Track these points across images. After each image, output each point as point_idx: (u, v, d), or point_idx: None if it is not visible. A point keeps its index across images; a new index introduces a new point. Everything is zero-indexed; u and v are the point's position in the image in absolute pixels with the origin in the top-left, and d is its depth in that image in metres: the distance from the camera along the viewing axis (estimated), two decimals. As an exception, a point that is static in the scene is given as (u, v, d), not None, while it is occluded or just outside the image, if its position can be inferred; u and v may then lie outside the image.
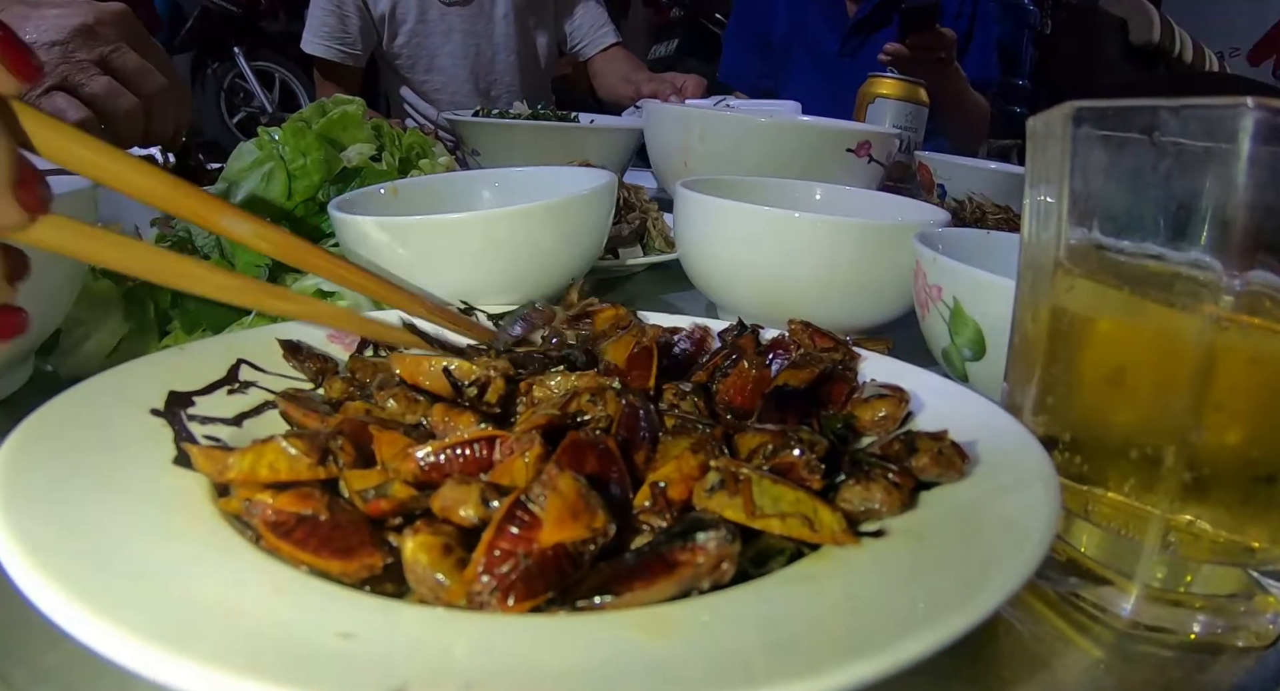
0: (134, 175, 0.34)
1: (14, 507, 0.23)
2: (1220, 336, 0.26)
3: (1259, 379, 0.26)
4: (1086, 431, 0.32)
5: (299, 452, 0.29)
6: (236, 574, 0.24)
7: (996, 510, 0.28)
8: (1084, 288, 0.31)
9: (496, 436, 0.29)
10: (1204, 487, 0.28)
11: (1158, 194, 0.29)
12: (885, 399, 0.38)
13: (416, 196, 0.66)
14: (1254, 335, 0.26)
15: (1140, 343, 0.29)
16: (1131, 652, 0.30)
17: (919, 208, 0.68)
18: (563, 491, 0.27)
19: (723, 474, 0.29)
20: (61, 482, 0.26)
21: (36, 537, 0.22)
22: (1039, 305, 0.34)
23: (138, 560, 0.23)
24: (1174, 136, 0.27)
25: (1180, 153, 0.27)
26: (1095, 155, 0.30)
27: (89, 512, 0.25)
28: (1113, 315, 0.30)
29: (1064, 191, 0.32)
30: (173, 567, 0.23)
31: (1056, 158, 0.32)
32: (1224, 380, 0.26)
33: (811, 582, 0.25)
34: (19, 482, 0.25)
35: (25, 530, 0.22)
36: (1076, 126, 0.31)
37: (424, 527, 0.26)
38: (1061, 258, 0.32)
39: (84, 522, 0.24)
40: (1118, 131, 0.29)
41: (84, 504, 0.25)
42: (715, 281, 0.66)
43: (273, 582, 0.23)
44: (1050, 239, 0.34)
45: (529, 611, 0.24)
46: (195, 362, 0.40)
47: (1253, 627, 0.30)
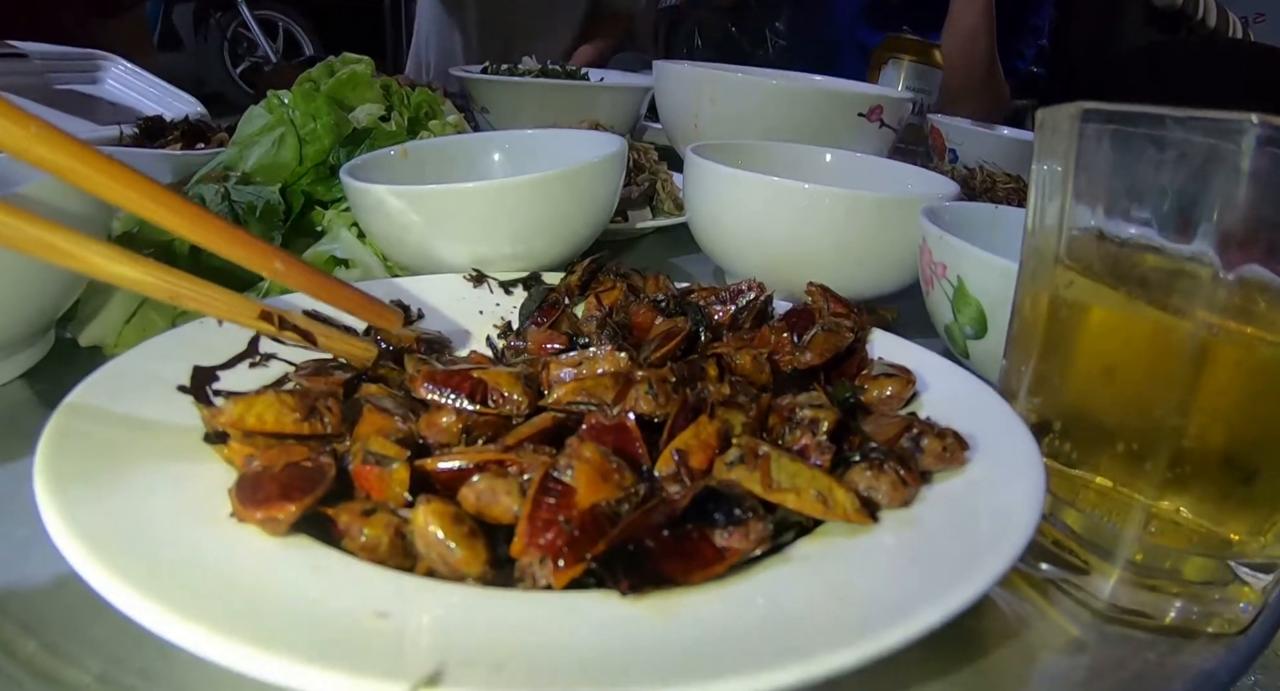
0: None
1: (66, 499, 0.25)
2: (1210, 341, 0.27)
3: (1244, 384, 0.27)
4: (1077, 421, 0.33)
5: (287, 407, 0.31)
6: (274, 553, 0.25)
7: (985, 501, 0.29)
8: (1082, 284, 0.32)
9: (508, 461, 0.30)
10: (1185, 482, 0.29)
11: (1159, 197, 0.29)
12: (893, 378, 0.39)
13: (427, 158, 0.66)
14: (1242, 342, 0.27)
15: (1133, 342, 0.30)
16: (1108, 633, 0.32)
17: (928, 178, 0.67)
18: (589, 458, 0.28)
19: (743, 450, 0.31)
20: (105, 472, 0.27)
21: (90, 528, 0.24)
22: (1038, 294, 0.35)
23: (181, 545, 0.24)
24: (1179, 146, 0.28)
25: (1183, 160, 0.27)
26: (1101, 154, 0.31)
27: (134, 501, 0.26)
28: (1108, 313, 0.31)
29: (1067, 188, 0.32)
30: (213, 550, 0.25)
31: (1062, 152, 0.32)
32: (1211, 383, 0.27)
33: (808, 565, 0.26)
34: (66, 472, 0.26)
35: (79, 520, 0.24)
36: (1084, 124, 0.31)
37: (435, 500, 0.27)
38: (1062, 253, 0.33)
39: (130, 510, 0.25)
40: (1124, 131, 0.30)
41: (129, 492, 0.26)
42: (723, 248, 0.67)
43: (310, 561, 0.25)
44: (1052, 229, 0.34)
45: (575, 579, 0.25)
46: (217, 335, 0.41)
47: (1226, 614, 0.31)
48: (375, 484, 0.29)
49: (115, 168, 0.33)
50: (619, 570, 0.25)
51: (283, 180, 0.57)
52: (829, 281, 0.63)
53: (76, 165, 0.33)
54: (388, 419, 0.34)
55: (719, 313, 0.50)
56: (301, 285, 0.41)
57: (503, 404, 0.35)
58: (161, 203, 0.35)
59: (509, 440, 0.33)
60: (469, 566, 0.26)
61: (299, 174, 0.58)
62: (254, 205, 0.52)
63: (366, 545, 0.27)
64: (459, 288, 0.55)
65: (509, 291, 0.56)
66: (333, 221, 0.58)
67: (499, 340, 0.52)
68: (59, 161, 0.32)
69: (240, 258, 0.38)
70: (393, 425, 0.33)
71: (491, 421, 0.34)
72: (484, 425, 0.34)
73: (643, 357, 0.42)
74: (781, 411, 0.36)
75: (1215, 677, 0.29)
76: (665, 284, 0.54)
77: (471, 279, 0.55)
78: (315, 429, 0.31)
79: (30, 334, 0.44)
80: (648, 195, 0.78)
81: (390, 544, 0.27)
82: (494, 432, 0.34)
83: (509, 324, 0.53)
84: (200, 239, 0.37)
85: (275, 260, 0.39)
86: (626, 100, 1.09)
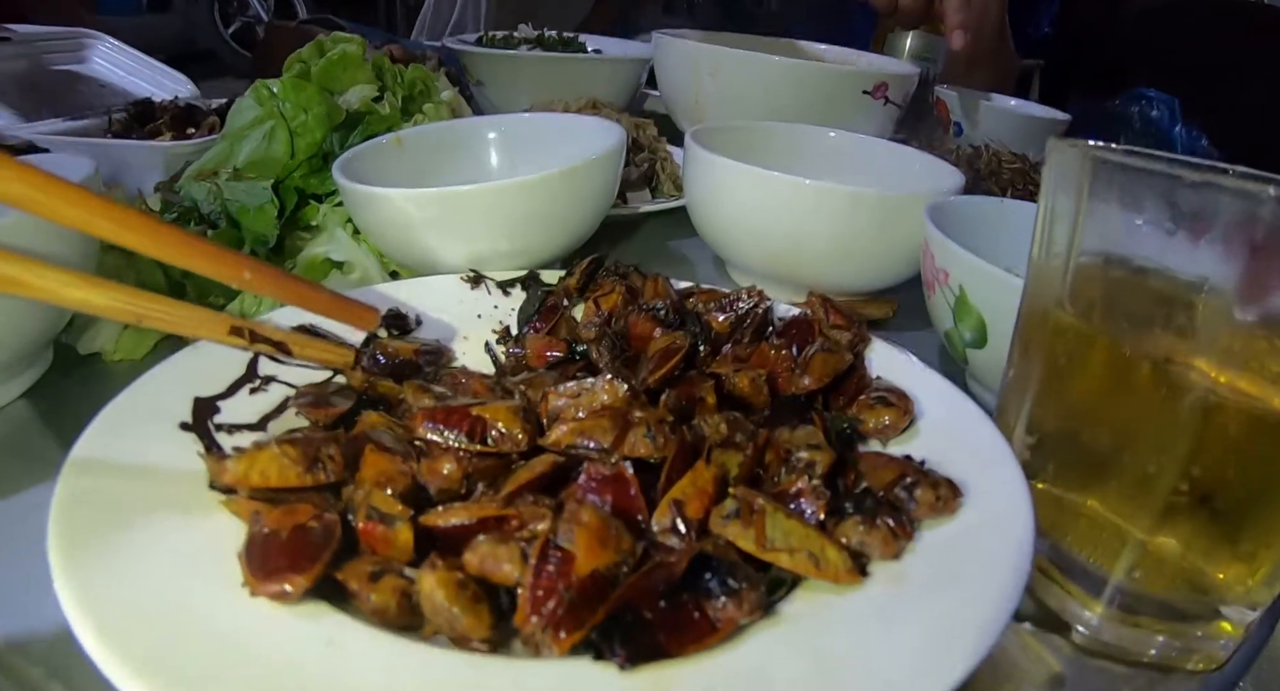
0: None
1: (81, 584, 0.25)
2: (1205, 405, 0.27)
3: (1236, 445, 0.28)
4: (1070, 465, 0.34)
5: (290, 461, 0.31)
6: (288, 628, 0.26)
7: (973, 553, 0.30)
8: (1082, 334, 0.32)
9: (509, 517, 0.30)
10: (1175, 527, 0.30)
11: (1168, 255, 0.29)
12: (891, 407, 0.39)
13: (422, 146, 0.65)
14: (1240, 406, 0.27)
15: (1129, 399, 0.30)
16: (1088, 667, 0.33)
17: (933, 167, 0.66)
18: (588, 523, 0.29)
19: (739, 502, 0.31)
20: (117, 542, 0.28)
21: (106, 616, 0.24)
22: (1039, 334, 0.35)
23: (196, 624, 0.25)
24: (1193, 205, 0.27)
25: (1197, 219, 0.27)
26: (1111, 200, 0.30)
27: (147, 577, 0.27)
28: (1106, 370, 0.31)
29: (1078, 225, 0.32)
30: (228, 628, 0.25)
31: (1073, 190, 0.32)
32: (1203, 443, 0.28)
33: (798, 633, 0.27)
34: (79, 547, 0.27)
35: (95, 608, 0.24)
36: (1094, 173, 0.30)
37: (440, 564, 0.28)
38: (1065, 297, 0.33)
39: (144, 590, 0.26)
40: (1136, 184, 0.29)
41: (142, 565, 0.27)
42: (723, 239, 0.66)
43: (325, 635, 0.26)
44: (1058, 268, 0.34)
45: (576, 645, 0.26)
46: (214, 360, 0.41)
47: (1206, 651, 0.32)
48: (380, 542, 0.30)
49: (74, 193, 0.33)
50: (616, 643, 0.26)
51: (275, 175, 0.56)
52: (830, 276, 0.62)
53: (34, 194, 0.32)
54: (390, 461, 0.34)
55: (718, 318, 0.50)
56: (273, 292, 0.40)
57: (502, 442, 0.35)
58: (123, 224, 0.34)
59: (509, 486, 0.33)
60: (474, 632, 0.27)
61: (291, 168, 0.57)
62: (247, 208, 0.51)
63: (375, 609, 0.27)
64: (456, 289, 0.54)
65: (507, 292, 0.55)
66: (327, 218, 0.58)
67: (498, 346, 0.52)
68: (12, 191, 0.31)
69: (208, 270, 0.38)
70: (395, 468, 0.34)
71: (491, 464, 0.35)
72: (484, 470, 0.34)
73: (640, 379, 0.42)
74: (779, 448, 0.36)
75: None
76: (664, 288, 0.53)
77: (469, 280, 0.55)
78: (319, 479, 0.32)
79: (32, 352, 0.44)
80: (647, 176, 0.76)
81: (398, 607, 0.28)
82: (494, 474, 0.35)
83: (507, 329, 0.53)
84: (165, 255, 0.36)
85: (244, 270, 0.38)
86: (625, 73, 1.05)
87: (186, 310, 0.38)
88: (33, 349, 0.44)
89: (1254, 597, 0.31)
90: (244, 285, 0.39)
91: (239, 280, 0.38)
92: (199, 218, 0.52)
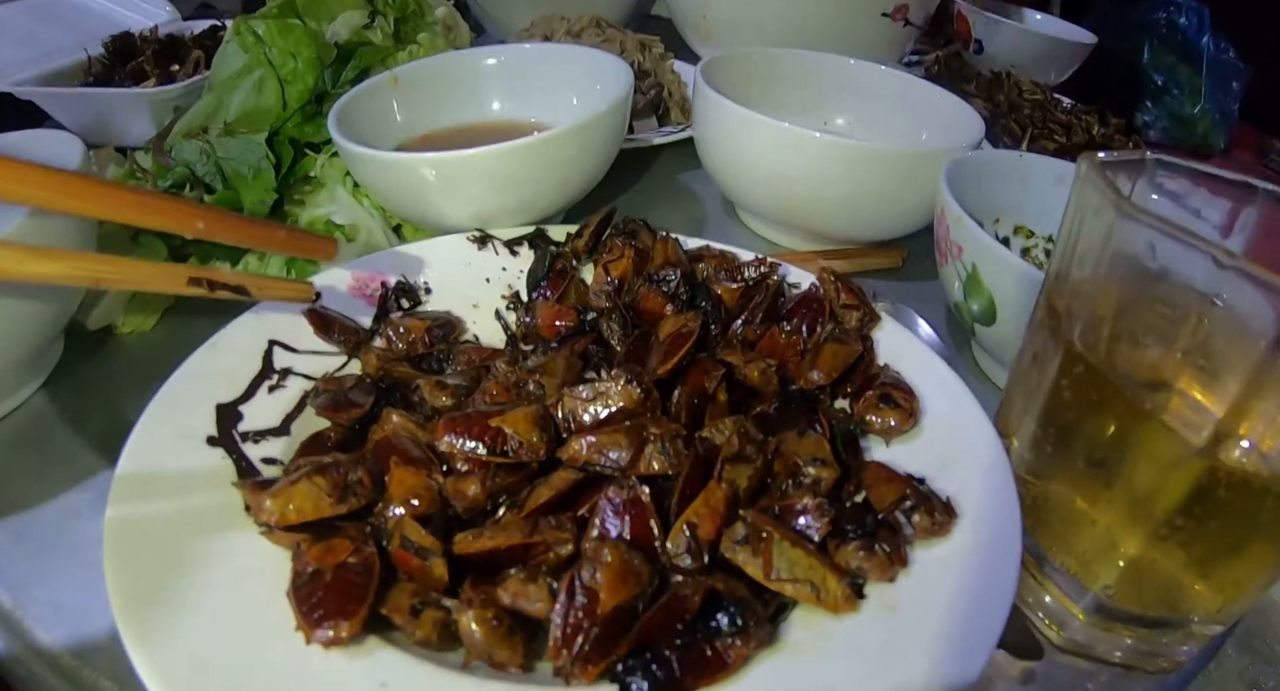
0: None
1: (142, 632, 0.27)
2: (1198, 466, 0.29)
3: (1223, 507, 0.29)
4: (1064, 493, 0.35)
5: (321, 492, 0.33)
6: (343, 673, 0.28)
7: (963, 583, 0.32)
8: (1092, 370, 0.32)
9: (535, 543, 0.32)
10: (1149, 565, 0.32)
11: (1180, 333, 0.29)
12: (897, 409, 0.41)
13: (418, 83, 0.62)
14: (1229, 473, 0.28)
15: (1125, 445, 0.31)
16: (1057, 663, 0.36)
17: (954, 110, 0.63)
18: (610, 563, 0.31)
19: (749, 528, 0.33)
20: (172, 593, 0.30)
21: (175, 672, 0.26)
22: (1047, 360, 0.35)
23: (258, 675, 0.27)
24: (1213, 286, 0.27)
25: (1217, 313, 0.27)
26: (1132, 271, 0.30)
27: (204, 627, 0.29)
28: (1106, 415, 0.32)
29: (1098, 267, 0.31)
30: (283, 670, 0.28)
31: (1097, 244, 0.31)
32: (1192, 498, 0.29)
33: (797, 664, 0.30)
34: (140, 604, 0.29)
35: (155, 653, 0.27)
36: (1122, 225, 0.30)
37: (476, 600, 0.30)
38: (1075, 333, 0.33)
39: (201, 635, 0.28)
40: (1165, 262, 0.29)
41: (196, 608, 0.29)
42: (733, 184, 0.64)
43: (378, 677, 0.28)
44: (1073, 293, 0.34)
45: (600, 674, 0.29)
46: (230, 357, 0.41)
47: (1169, 655, 0.35)
48: (416, 571, 0.32)
49: (14, 169, 0.32)
50: (640, 679, 0.28)
51: (268, 127, 0.53)
52: (841, 226, 0.62)
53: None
54: (416, 476, 0.35)
55: (729, 287, 0.50)
56: (230, 237, 0.40)
57: (521, 452, 0.37)
58: (70, 192, 0.34)
59: (531, 503, 0.35)
60: (510, 661, 0.30)
61: (284, 119, 0.54)
62: (244, 174, 0.50)
63: (419, 642, 0.30)
64: (464, 251, 0.54)
65: (514, 252, 0.55)
66: (325, 170, 0.56)
67: (508, 312, 0.52)
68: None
69: (161, 224, 0.38)
70: (422, 484, 0.35)
71: (513, 477, 0.36)
72: (506, 485, 0.36)
73: (651, 369, 0.43)
74: (787, 458, 0.38)
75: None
76: (674, 252, 0.53)
77: (475, 240, 0.54)
78: (351, 506, 0.33)
79: (46, 345, 0.44)
80: (654, 104, 0.73)
81: (440, 638, 0.30)
82: (517, 487, 0.36)
83: (517, 293, 0.53)
84: (117, 215, 0.36)
85: (197, 220, 0.38)
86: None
87: (143, 267, 0.39)
88: (46, 342, 0.44)
89: (1223, 618, 0.34)
90: (199, 234, 0.39)
91: (193, 230, 0.38)
92: (194, 181, 0.50)
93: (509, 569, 0.33)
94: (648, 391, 0.39)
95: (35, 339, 0.42)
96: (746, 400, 0.44)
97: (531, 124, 0.66)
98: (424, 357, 0.47)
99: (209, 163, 0.51)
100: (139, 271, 0.38)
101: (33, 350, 0.43)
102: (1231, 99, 0.94)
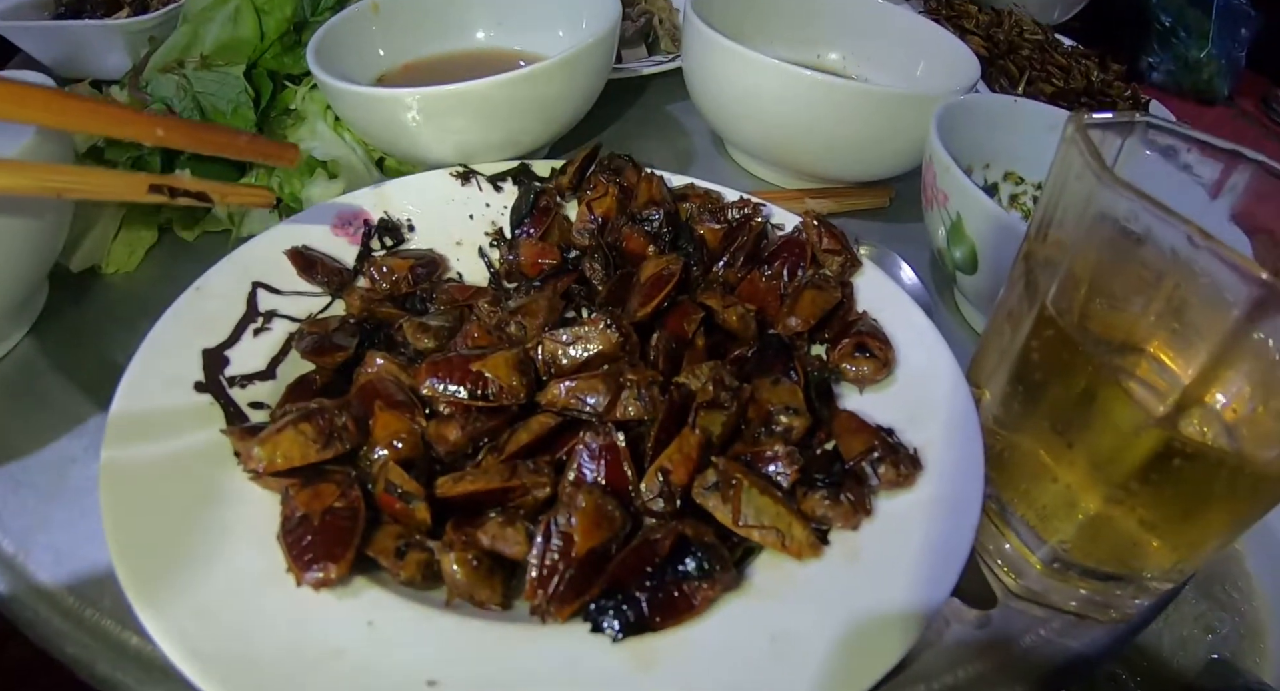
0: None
1: (149, 594, 0.29)
2: (1157, 435, 0.30)
3: (1178, 479, 0.30)
4: (1026, 444, 0.36)
5: (308, 439, 0.34)
6: (333, 611, 0.30)
7: (923, 534, 0.33)
8: (1057, 340, 0.33)
9: (513, 487, 0.33)
10: (1105, 524, 0.34)
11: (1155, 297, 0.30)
12: (871, 359, 0.41)
13: (401, 10, 0.60)
14: (1183, 445, 0.29)
15: (1089, 411, 0.32)
16: (1011, 609, 0.38)
17: (950, 52, 0.61)
18: (585, 508, 0.32)
19: (720, 475, 0.34)
20: (175, 553, 0.31)
21: (188, 634, 0.28)
22: (1020, 318, 0.36)
23: (245, 613, 0.29)
24: (1189, 259, 0.27)
25: (1193, 280, 0.27)
26: (1111, 234, 0.30)
27: (208, 581, 0.30)
28: (1072, 379, 0.33)
29: (1074, 260, 0.32)
30: (279, 612, 0.29)
31: (1078, 207, 0.31)
32: (1149, 464, 0.30)
33: (759, 608, 0.31)
34: (146, 575, 0.30)
35: (177, 632, 0.28)
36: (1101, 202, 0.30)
37: (457, 542, 0.32)
38: (1049, 302, 0.33)
39: (203, 588, 0.30)
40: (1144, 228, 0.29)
41: (196, 560, 0.31)
42: (722, 120, 0.63)
43: (366, 615, 0.30)
44: (1052, 256, 0.34)
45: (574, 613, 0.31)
46: (214, 301, 0.41)
47: (1120, 607, 0.37)
48: (400, 514, 0.33)
49: None
50: (610, 618, 0.30)
51: (245, 59, 0.52)
52: (830, 165, 0.61)
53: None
54: (399, 419, 0.36)
55: (712, 227, 0.50)
56: (189, 144, 0.41)
57: (501, 395, 0.37)
58: (23, 102, 0.34)
59: (510, 447, 0.36)
60: (489, 600, 0.32)
61: (262, 50, 0.53)
62: (221, 109, 0.49)
63: (404, 581, 0.32)
64: (447, 187, 0.53)
65: (498, 188, 0.54)
66: (306, 104, 0.55)
67: (491, 249, 0.52)
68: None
69: (119, 132, 0.39)
70: (405, 427, 0.36)
71: (494, 420, 0.37)
72: (486, 429, 0.37)
73: (631, 311, 0.44)
74: (761, 405, 0.39)
75: (1085, 658, 0.36)
76: (658, 190, 0.52)
77: (459, 176, 0.54)
78: (337, 451, 0.34)
79: (30, 291, 0.44)
80: (643, 32, 0.71)
81: (423, 577, 0.32)
82: (496, 430, 0.37)
83: (500, 230, 0.53)
84: (73, 125, 0.37)
85: (156, 128, 0.39)
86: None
87: (104, 176, 0.40)
88: (31, 288, 0.44)
89: (1175, 575, 0.35)
90: (159, 141, 0.39)
91: (153, 138, 0.39)
92: (171, 114, 0.49)
93: (489, 510, 0.34)
94: (626, 335, 0.40)
95: (21, 285, 0.42)
96: (725, 344, 0.45)
97: (517, 53, 0.64)
98: (407, 297, 0.47)
99: (186, 97, 0.49)
100: (99, 180, 0.39)
101: (18, 297, 0.43)
102: (1239, 46, 0.92)
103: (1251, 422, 0.31)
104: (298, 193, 0.51)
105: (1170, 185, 0.35)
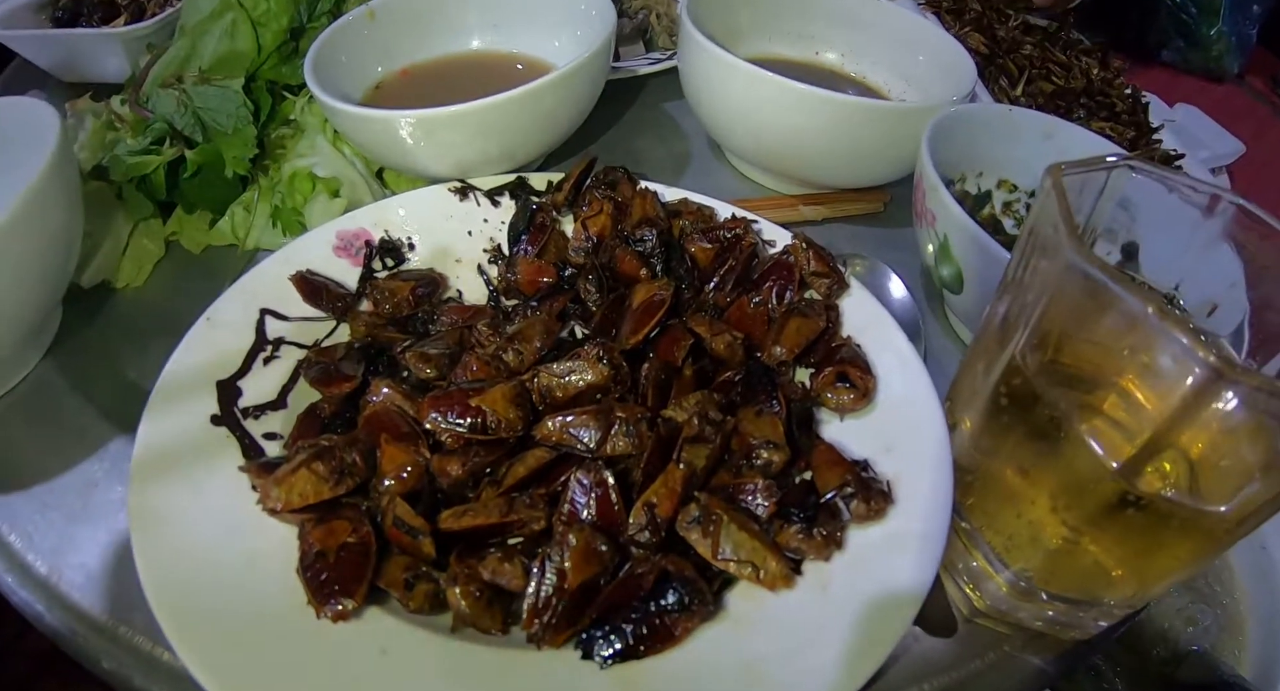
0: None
1: (178, 617, 0.32)
2: (1114, 486, 0.32)
3: (1132, 525, 0.32)
4: (994, 478, 0.38)
5: (320, 478, 0.36)
6: (349, 641, 0.33)
7: (890, 568, 0.36)
8: (1025, 389, 0.35)
9: (511, 522, 0.36)
10: (1066, 556, 0.36)
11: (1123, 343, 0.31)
12: (852, 389, 0.43)
13: (395, 16, 0.60)
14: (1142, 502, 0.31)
15: (1051, 458, 0.34)
16: (977, 626, 0.40)
17: (948, 56, 0.61)
18: (576, 545, 0.35)
19: (702, 510, 0.37)
20: (195, 571, 0.34)
21: (198, 637, 0.31)
22: (992, 362, 0.37)
23: (279, 650, 0.32)
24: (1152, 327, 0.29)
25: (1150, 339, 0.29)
26: (1083, 289, 0.31)
27: (226, 603, 0.33)
28: (1038, 422, 0.35)
29: (1046, 309, 0.33)
30: (298, 641, 0.32)
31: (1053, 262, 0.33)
32: (1105, 517, 0.33)
33: (733, 637, 0.34)
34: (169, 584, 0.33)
35: (189, 631, 0.31)
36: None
37: (461, 576, 0.34)
38: (1018, 351, 0.35)
39: (226, 616, 0.32)
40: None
41: (219, 587, 0.33)
42: (718, 128, 0.63)
43: (379, 643, 0.33)
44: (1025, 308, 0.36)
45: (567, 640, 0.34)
46: (224, 330, 0.43)
47: (1083, 627, 0.39)
48: (408, 547, 0.36)
49: None
50: (600, 647, 0.33)
51: (243, 72, 0.53)
52: (825, 174, 0.62)
53: None
54: (405, 452, 0.39)
55: (704, 246, 0.51)
56: None
57: (500, 428, 0.40)
58: None
59: (508, 480, 0.38)
60: (491, 627, 0.35)
61: (260, 62, 0.53)
62: (223, 129, 0.50)
63: (413, 610, 0.35)
64: (445, 203, 0.54)
65: (495, 202, 0.55)
66: (305, 115, 0.55)
67: (490, 266, 0.54)
68: None
69: None
70: (410, 459, 0.39)
71: (492, 454, 0.39)
72: (485, 463, 0.39)
73: (623, 338, 0.45)
74: (743, 437, 0.41)
75: (1046, 674, 0.39)
76: (652, 206, 0.54)
77: (457, 191, 0.55)
78: (348, 486, 0.37)
79: (45, 315, 0.46)
80: (641, 28, 0.71)
81: (430, 606, 0.35)
82: (496, 461, 0.40)
83: (499, 247, 0.54)
84: None
85: None
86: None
87: None
88: (47, 311, 0.46)
89: (1136, 602, 0.38)
90: None
91: None
92: (174, 135, 0.50)
93: (489, 541, 0.37)
94: (617, 367, 0.42)
95: (38, 310, 0.44)
96: (712, 368, 0.47)
97: (514, 56, 0.64)
98: (409, 318, 0.49)
99: (187, 114, 0.50)
100: None
101: (36, 321, 0.45)
102: (1250, 23, 0.90)
103: (1205, 477, 0.33)
104: (299, 207, 0.52)
105: (1166, 204, 0.36)
